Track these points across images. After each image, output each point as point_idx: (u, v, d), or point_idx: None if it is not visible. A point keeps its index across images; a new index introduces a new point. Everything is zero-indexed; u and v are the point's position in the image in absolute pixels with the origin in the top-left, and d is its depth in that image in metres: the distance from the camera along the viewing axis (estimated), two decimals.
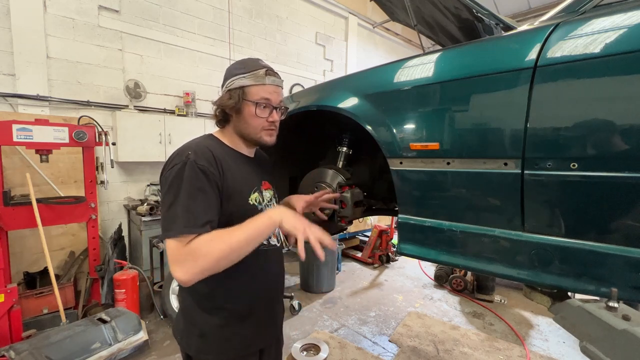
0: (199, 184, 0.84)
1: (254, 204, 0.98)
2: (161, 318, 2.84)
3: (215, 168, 0.88)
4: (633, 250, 0.72)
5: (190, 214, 0.81)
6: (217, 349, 0.95)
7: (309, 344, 2.44)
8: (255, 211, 0.96)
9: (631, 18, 0.71)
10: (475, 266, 0.97)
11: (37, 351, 1.88)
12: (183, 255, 0.78)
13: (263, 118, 0.96)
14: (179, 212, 0.81)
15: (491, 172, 0.90)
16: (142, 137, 3.31)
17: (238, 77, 0.94)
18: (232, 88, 0.94)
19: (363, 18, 6.18)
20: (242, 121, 0.97)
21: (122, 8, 3.42)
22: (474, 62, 0.96)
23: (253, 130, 0.97)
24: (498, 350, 2.52)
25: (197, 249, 0.78)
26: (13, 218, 2.29)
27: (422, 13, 1.56)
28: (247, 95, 0.94)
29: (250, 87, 0.94)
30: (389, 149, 1.11)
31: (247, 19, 4.52)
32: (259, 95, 0.94)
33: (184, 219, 0.80)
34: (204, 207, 0.83)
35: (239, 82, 0.94)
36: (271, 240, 1.04)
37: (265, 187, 1.06)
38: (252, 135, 0.98)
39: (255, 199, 0.98)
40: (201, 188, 0.84)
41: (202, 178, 0.84)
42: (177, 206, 0.81)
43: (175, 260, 0.79)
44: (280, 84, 1.00)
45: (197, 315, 0.96)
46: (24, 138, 2.26)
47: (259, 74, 0.94)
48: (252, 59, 0.99)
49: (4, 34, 2.80)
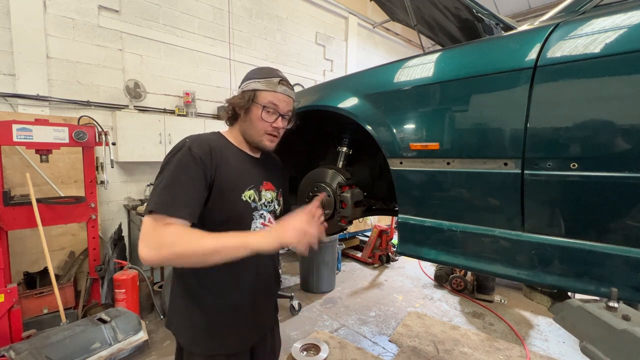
0: (187, 170, 0.86)
1: (247, 201, 0.99)
2: (161, 318, 2.84)
3: (209, 158, 0.90)
4: (633, 250, 0.72)
5: (169, 195, 0.83)
6: (205, 342, 0.97)
7: (309, 344, 2.44)
8: (247, 207, 0.98)
9: (631, 18, 0.71)
10: (475, 266, 0.97)
11: (37, 351, 1.88)
12: (151, 235, 0.79)
13: (268, 122, 0.99)
14: (160, 190, 0.84)
15: (491, 172, 0.90)
16: (142, 137, 3.31)
17: (253, 80, 0.99)
18: (245, 89, 0.99)
19: (363, 18, 6.17)
20: (248, 122, 1.01)
21: (122, 8, 3.42)
22: (474, 62, 0.96)
23: (256, 132, 1.01)
24: (498, 350, 2.52)
25: (165, 236, 0.78)
26: (13, 218, 2.29)
27: (422, 13, 1.56)
28: (257, 98, 0.98)
29: (262, 91, 0.98)
30: (389, 149, 1.11)
31: (247, 19, 4.52)
32: (267, 100, 0.98)
33: (162, 197, 0.82)
34: (185, 193, 0.85)
35: (253, 85, 0.99)
36: None
37: (267, 187, 1.07)
38: (255, 137, 1.02)
39: (249, 196, 0.99)
40: (188, 174, 0.86)
41: (192, 165, 0.87)
42: (160, 185, 0.85)
43: (144, 236, 0.80)
44: (292, 95, 1.05)
45: (186, 308, 0.99)
46: (24, 138, 2.26)
47: (273, 81, 0.99)
48: (272, 68, 1.04)
49: (4, 34, 2.80)
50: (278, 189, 1.13)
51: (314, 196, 1.38)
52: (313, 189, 1.40)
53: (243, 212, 0.98)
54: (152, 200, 0.83)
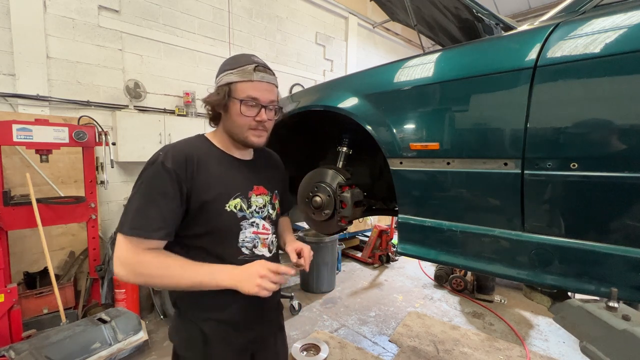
0: (160, 187, 0.82)
1: (232, 211, 0.92)
2: (161, 318, 2.84)
3: (184, 170, 0.84)
4: (633, 250, 0.72)
5: (142, 217, 0.80)
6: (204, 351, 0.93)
7: (309, 344, 2.44)
8: (233, 218, 0.92)
9: (631, 18, 0.71)
10: (475, 266, 0.97)
11: (37, 351, 1.88)
12: (129, 259, 0.80)
13: (249, 117, 0.90)
14: (132, 211, 0.81)
15: (491, 172, 0.90)
16: (142, 137, 3.31)
17: (227, 72, 0.90)
18: (220, 84, 0.91)
19: (363, 18, 6.17)
20: (230, 120, 0.92)
21: (122, 8, 3.42)
22: (474, 62, 0.96)
23: (239, 129, 0.92)
24: (498, 350, 2.52)
25: (143, 265, 0.80)
26: (13, 218, 2.28)
27: (422, 13, 1.56)
28: (233, 92, 0.89)
29: (237, 83, 0.89)
30: (389, 149, 1.11)
31: (247, 19, 4.52)
32: (245, 93, 0.88)
33: (135, 220, 0.80)
34: (159, 213, 0.81)
35: (227, 78, 0.90)
36: (256, 251, 0.97)
37: (258, 192, 0.99)
38: (239, 134, 0.93)
39: (235, 205, 0.92)
40: (161, 192, 0.82)
41: (166, 181, 0.82)
42: (131, 204, 0.82)
43: (120, 258, 0.81)
44: (272, 81, 0.94)
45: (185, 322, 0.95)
46: (24, 138, 2.26)
47: (247, 69, 0.88)
48: (245, 54, 0.94)
49: (4, 34, 2.80)
50: (272, 192, 1.05)
51: (314, 196, 1.38)
52: (313, 189, 1.40)
53: (228, 224, 0.92)
54: (127, 222, 0.80)
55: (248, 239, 0.95)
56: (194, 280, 0.81)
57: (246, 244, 0.95)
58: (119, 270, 0.81)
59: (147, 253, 0.81)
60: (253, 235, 0.96)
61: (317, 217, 1.39)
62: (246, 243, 0.95)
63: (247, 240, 0.95)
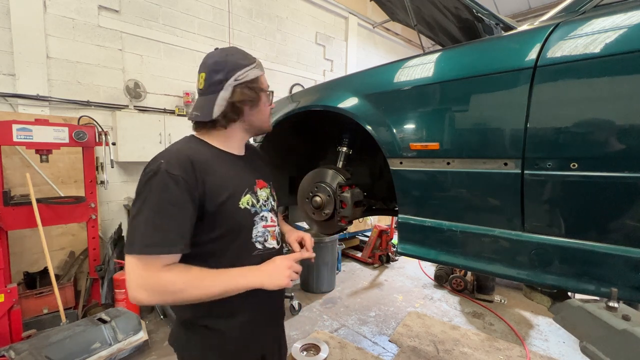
0: (171, 197, 0.75)
1: (246, 208, 0.91)
2: (161, 318, 2.84)
3: (192, 176, 0.79)
4: (633, 250, 0.72)
5: (156, 232, 0.74)
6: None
7: (309, 344, 2.44)
8: (248, 214, 0.91)
9: (631, 18, 0.71)
10: (475, 266, 0.97)
11: (37, 351, 1.88)
12: (149, 280, 0.73)
13: (269, 105, 0.99)
14: (142, 227, 0.74)
15: (491, 172, 0.90)
16: (142, 137, 3.31)
17: (250, 68, 0.91)
18: (247, 80, 0.90)
19: (363, 18, 6.17)
20: (258, 112, 0.96)
21: (122, 8, 3.42)
22: (474, 62, 0.96)
23: (266, 119, 1.00)
24: (498, 350, 2.52)
25: (168, 283, 0.74)
26: (13, 218, 2.29)
27: (422, 13, 1.56)
28: (260, 84, 0.95)
29: (261, 76, 0.95)
30: (389, 149, 1.11)
31: (247, 19, 4.52)
32: (266, 84, 0.97)
33: (147, 237, 0.73)
34: (174, 224, 0.76)
35: (254, 73, 0.92)
36: (267, 244, 0.97)
37: (261, 185, 0.99)
38: (264, 124, 1.00)
39: (247, 201, 0.91)
40: (173, 201, 0.76)
41: (174, 189, 0.76)
42: (139, 220, 0.75)
43: (137, 281, 0.73)
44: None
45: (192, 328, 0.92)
46: (24, 138, 2.26)
47: (259, 62, 0.95)
48: (236, 48, 0.96)
49: (4, 34, 2.80)
50: (269, 183, 1.05)
51: (314, 196, 1.38)
52: (313, 189, 1.40)
53: (244, 221, 0.91)
54: (138, 241, 0.73)
55: (260, 233, 0.95)
56: (227, 285, 0.79)
57: (259, 239, 0.95)
58: (138, 294, 0.73)
59: (167, 270, 0.75)
60: (263, 229, 0.96)
61: (317, 217, 1.40)
62: (259, 238, 0.94)
63: (259, 235, 0.95)
